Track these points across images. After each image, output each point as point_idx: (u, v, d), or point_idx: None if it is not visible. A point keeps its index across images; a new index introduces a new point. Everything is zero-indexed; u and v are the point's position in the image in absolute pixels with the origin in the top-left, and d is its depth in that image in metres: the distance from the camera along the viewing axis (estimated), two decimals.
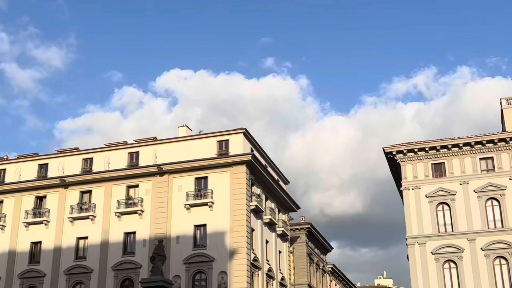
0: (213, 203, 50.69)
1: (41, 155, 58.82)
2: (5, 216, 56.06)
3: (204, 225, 50.73)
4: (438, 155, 52.82)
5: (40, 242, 54.69)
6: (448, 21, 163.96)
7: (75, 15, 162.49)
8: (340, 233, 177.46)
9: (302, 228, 68.02)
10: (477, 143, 51.87)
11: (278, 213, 59.63)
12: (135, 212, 52.47)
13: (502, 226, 50.14)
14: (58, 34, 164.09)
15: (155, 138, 56.17)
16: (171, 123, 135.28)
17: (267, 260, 54.81)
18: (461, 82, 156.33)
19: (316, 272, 72.01)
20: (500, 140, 51.61)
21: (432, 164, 53.05)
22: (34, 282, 53.57)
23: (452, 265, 50.13)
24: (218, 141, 53.39)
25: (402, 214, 52.91)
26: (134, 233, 52.37)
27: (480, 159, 52.21)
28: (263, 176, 54.26)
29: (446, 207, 51.82)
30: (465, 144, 52.09)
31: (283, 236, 60.07)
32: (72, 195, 54.94)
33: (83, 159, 56.53)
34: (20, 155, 59.81)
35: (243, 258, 48.81)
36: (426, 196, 52.13)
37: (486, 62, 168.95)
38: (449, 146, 52.28)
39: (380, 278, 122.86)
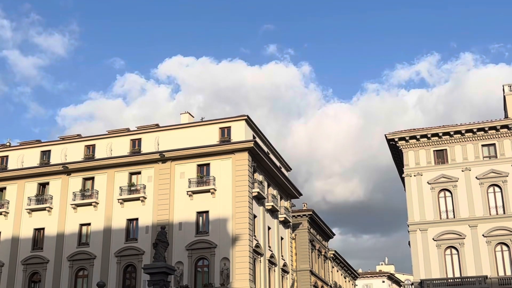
0: (215, 189, 50.78)
1: (43, 142, 58.89)
2: (8, 203, 56.23)
3: (207, 212, 50.85)
4: (440, 142, 52.83)
5: (43, 229, 54.89)
6: (451, 8, 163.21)
7: (77, 2, 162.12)
8: (342, 219, 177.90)
9: (304, 215, 68.17)
10: (479, 129, 51.86)
11: (280, 200, 59.75)
12: (137, 199, 52.63)
13: (504, 213, 50.26)
14: (60, 21, 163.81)
15: (157, 125, 56.18)
16: (173, 110, 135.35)
17: (269, 246, 54.99)
18: (464, 69, 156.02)
19: (318, 258, 72.27)
20: (503, 126, 51.60)
21: (434, 150, 53.09)
22: (37, 268, 53.85)
23: (454, 251, 50.31)
24: (220, 128, 53.37)
25: (404, 201, 53.09)
26: (136, 219, 52.53)
27: (482, 145, 52.24)
28: (265, 163, 54.30)
29: (448, 193, 51.92)
30: (467, 131, 52.09)
31: (285, 223, 60.22)
32: (75, 182, 55.07)
33: (85, 146, 56.58)
34: (22, 142, 59.86)
35: (245, 244, 48.94)
36: (428, 182, 52.20)
37: (489, 48, 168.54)
38: (451, 133, 52.27)
39: (381, 264, 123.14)
